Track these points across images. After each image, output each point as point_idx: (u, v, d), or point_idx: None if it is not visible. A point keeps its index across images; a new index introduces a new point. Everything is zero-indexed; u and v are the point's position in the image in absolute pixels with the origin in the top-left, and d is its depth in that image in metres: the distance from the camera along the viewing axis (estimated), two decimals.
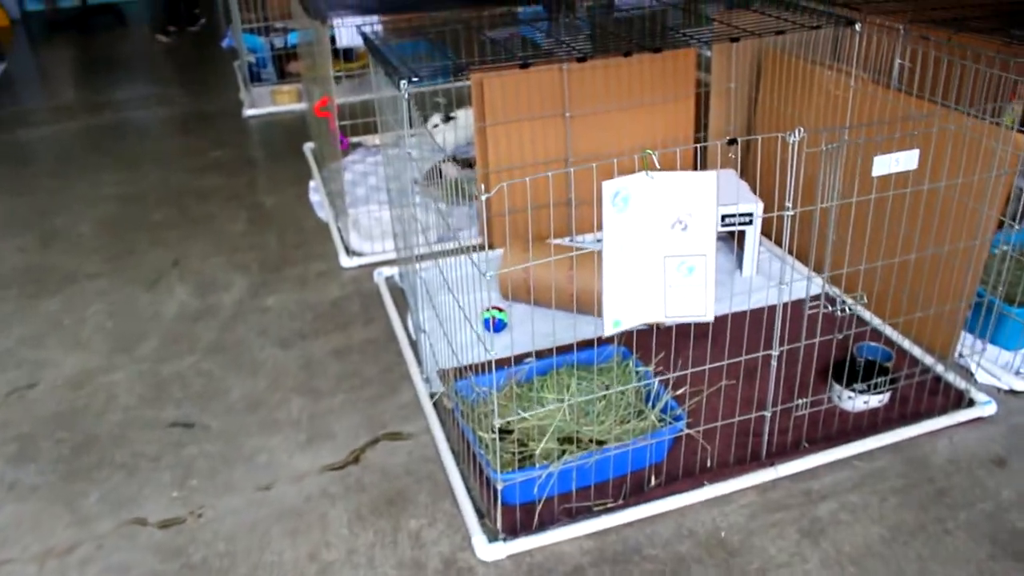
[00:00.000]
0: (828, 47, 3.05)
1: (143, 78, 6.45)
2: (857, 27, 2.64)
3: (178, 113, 5.40)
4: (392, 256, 3.26)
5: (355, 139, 4.40)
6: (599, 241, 3.39)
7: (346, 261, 3.31)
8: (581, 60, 2.30)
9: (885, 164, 1.92)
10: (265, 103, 5.27)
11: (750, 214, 3.01)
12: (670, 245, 1.78)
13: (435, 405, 2.46)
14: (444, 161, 4.01)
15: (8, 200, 4.16)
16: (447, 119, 4.36)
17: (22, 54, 7.66)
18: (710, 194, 1.72)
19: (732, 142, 1.78)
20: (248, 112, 5.18)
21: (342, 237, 3.48)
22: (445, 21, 3.12)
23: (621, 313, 1.80)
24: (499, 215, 3.22)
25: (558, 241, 3.31)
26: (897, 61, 2.72)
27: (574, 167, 3.10)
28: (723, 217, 3.00)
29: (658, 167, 1.69)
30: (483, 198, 1.70)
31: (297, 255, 3.43)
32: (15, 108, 5.77)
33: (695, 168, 3.45)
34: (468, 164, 4.02)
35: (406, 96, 2.17)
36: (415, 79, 2.27)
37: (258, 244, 3.55)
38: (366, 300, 3.07)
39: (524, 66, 2.27)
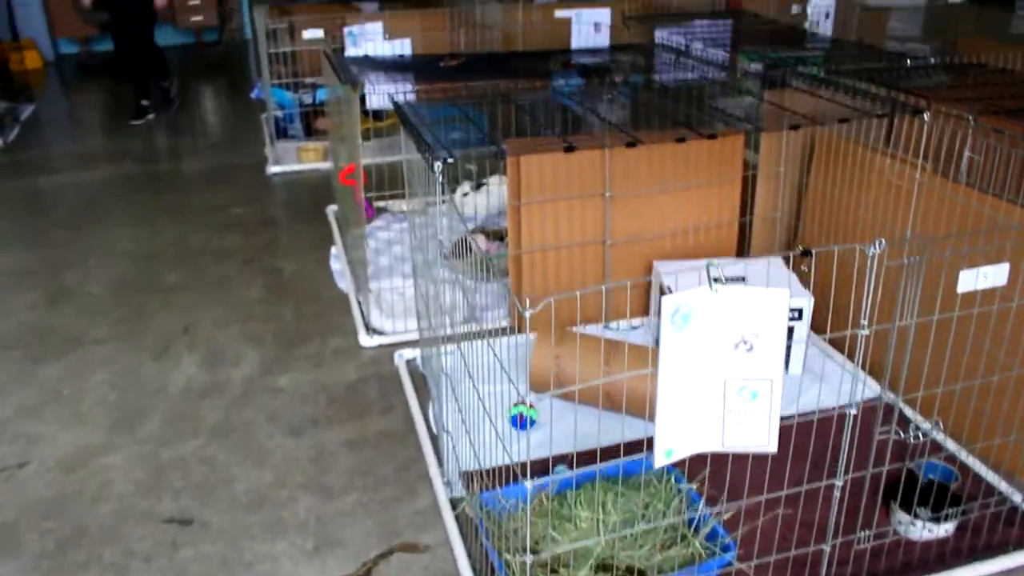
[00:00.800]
0: (882, 131, 2.87)
1: (170, 126, 6.37)
2: (925, 117, 2.46)
3: (202, 166, 5.28)
4: (415, 336, 3.07)
5: (381, 203, 4.24)
6: (634, 328, 3.20)
7: (365, 339, 3.12)
8: (631, 146, 2.13)
9: (971, 280, 1.71)
10: (290, 160, 5.14)
11: (800, 309, 2.80)
12: (732, 367, 1.57)
13: (456, 514, 2.24)
14: (473, 233, 3.83)
15: (22, 252, 4.02)
16: (478, 186, 4.20)
17: (53, 97, 7.62)
18: (781, 312, 1.52)
19: (806, 253, 1.58)
20: (272, 169, 5.05)
21: (362, 312, 3.30)
22: (480, 92, 2.98)
23: (674, 442, 1.59)
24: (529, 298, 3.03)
25: (591, 330, 3.11)
26: (967, 154, 2.53)
27: (622, 281, 2.92)
28: None
29: (724, 280, 1.49)
30: (527, 314, 1.51)
31: (314, 329, 3.25)
32: (40, 151, 5.68)
33: (738, 255, 3.26)
34: (499, 236, 3.85)
35: (440, 178, 2.00)
36: (449, 159, 2.10)
37: (274, 314, 3.37)
38: (385, 385, 2.87)
39: (569, 149, 2.10)
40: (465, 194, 4.15)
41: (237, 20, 9.80)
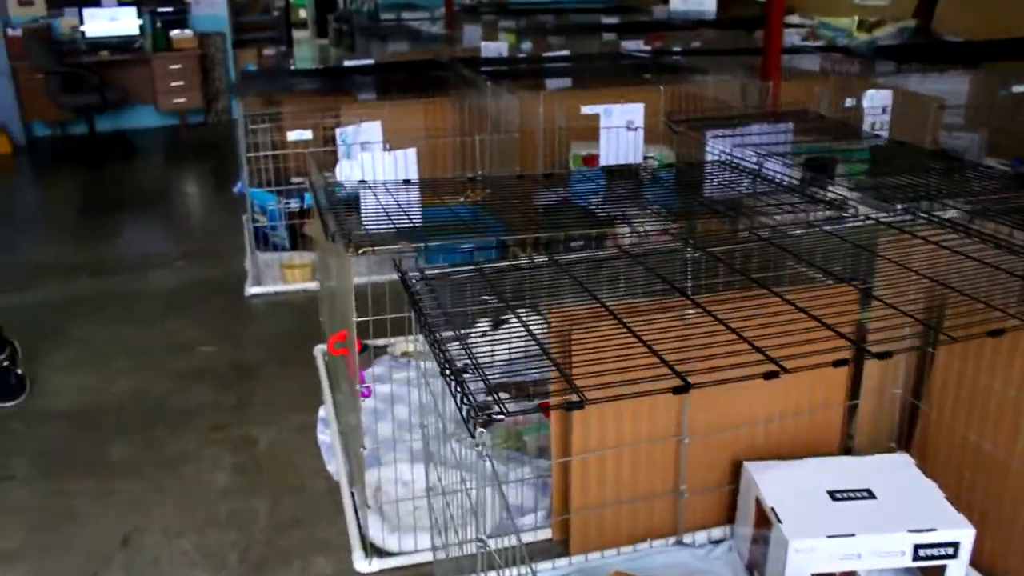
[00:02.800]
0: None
1: (140, 227, 5.68)
2: None
3: (171, 283, 4.55)
4: (431, 557, 2.32)
5: (375, 343, 3.49)
6: (715, 543, 2.45)
7: (362, 565, 2.34)
8: (771, 376, 1.41)
9: None
10: (273, 278, 4.41)
11: (955, 543, 2.07)
12: None
13: None
14: (493, 392, 3.10)
15: None
16: (496, 324, 3.48)
17: (16, 189, 6.95)
18: None
19: None
20: (252, 290, 4.31)
21: (358, 517, 2.53)
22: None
23: None
24: (581, 511, 2.29)
25: (659, 548, 2.36)
26: None
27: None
28: (915, 548, 2.06)
29: None
30: None
31: (294, 542, 2.47)
32: None
33: (843, 445, 2.52)
34: (526, 394, 3.11)
35: (483, 451, 1.29)
36: (498, 415, 1.40)
37: (242, 514, 2.60)
38: None
39: (681, 390, 1.38)
40: (483, 334, 3.43)
41: (224, 101, 9.20)
